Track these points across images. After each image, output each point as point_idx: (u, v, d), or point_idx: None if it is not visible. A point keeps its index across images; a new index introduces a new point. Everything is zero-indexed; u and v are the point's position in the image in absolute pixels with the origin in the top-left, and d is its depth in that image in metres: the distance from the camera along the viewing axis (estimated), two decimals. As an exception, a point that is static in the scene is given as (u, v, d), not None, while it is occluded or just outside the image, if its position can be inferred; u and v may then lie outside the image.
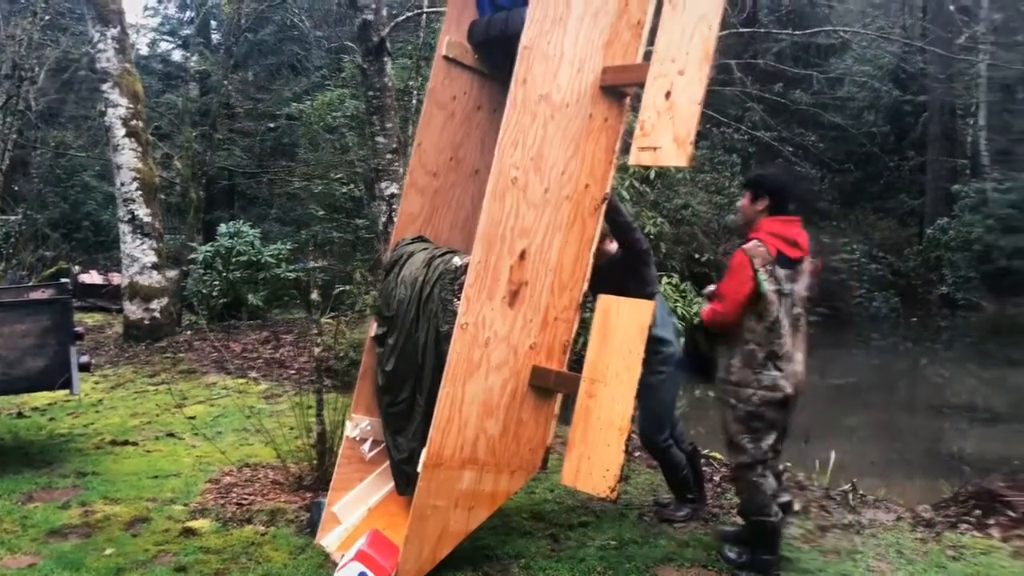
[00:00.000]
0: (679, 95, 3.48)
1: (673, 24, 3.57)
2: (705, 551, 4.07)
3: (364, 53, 7.97)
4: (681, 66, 3.50)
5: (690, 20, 3.52)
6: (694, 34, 3.49)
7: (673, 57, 3.53)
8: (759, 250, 3.71)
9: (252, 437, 5.99)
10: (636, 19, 3.88)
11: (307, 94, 17.90)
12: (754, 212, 3.87)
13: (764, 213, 3.84)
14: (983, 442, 8.47)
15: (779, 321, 3.72)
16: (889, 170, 23.81)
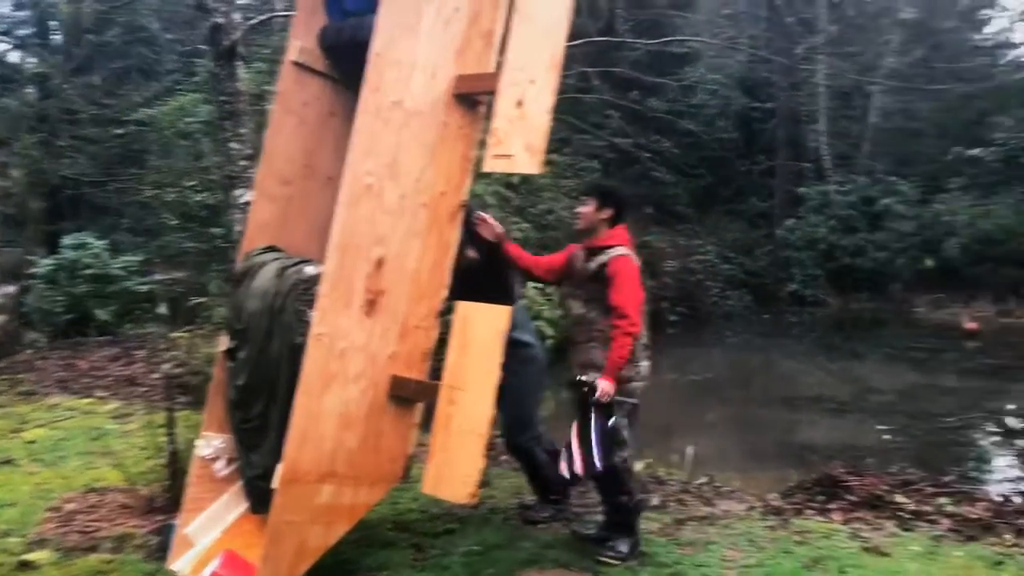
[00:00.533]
0: (530, 103, 3.55)
1: (522, 34, 3.64)
2: (568, 552, 4.11)
3: (215, 57, 7.68)
4: (531, 75, 3.57)
5: (538, 30, 3.61)
6: (542, 43, 3.58)
7: (523, 66, 3.59)
8: (635, 257, 3.97)
9: (99, 460, 5.68)
10: (487, 28, 3.91)
11: (158, 99, 17.16)
12: (597, 220, 4.04)
13: (606, 223, 4.04)
14: (830, 431, 8.94)
15: (646, 315, 3.97)
16: (740, 174, 24.90)
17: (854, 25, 21.56)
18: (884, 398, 10.44)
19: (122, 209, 18.89)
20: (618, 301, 3.89)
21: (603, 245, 4.02)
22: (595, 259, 4.01)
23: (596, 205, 4.03)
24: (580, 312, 4.04)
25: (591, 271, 4.00)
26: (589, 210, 4.05)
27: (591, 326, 3.99)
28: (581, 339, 4.02)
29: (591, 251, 4.06)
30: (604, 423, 3.86)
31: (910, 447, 7.89)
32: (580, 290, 4.06)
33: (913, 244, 19.32)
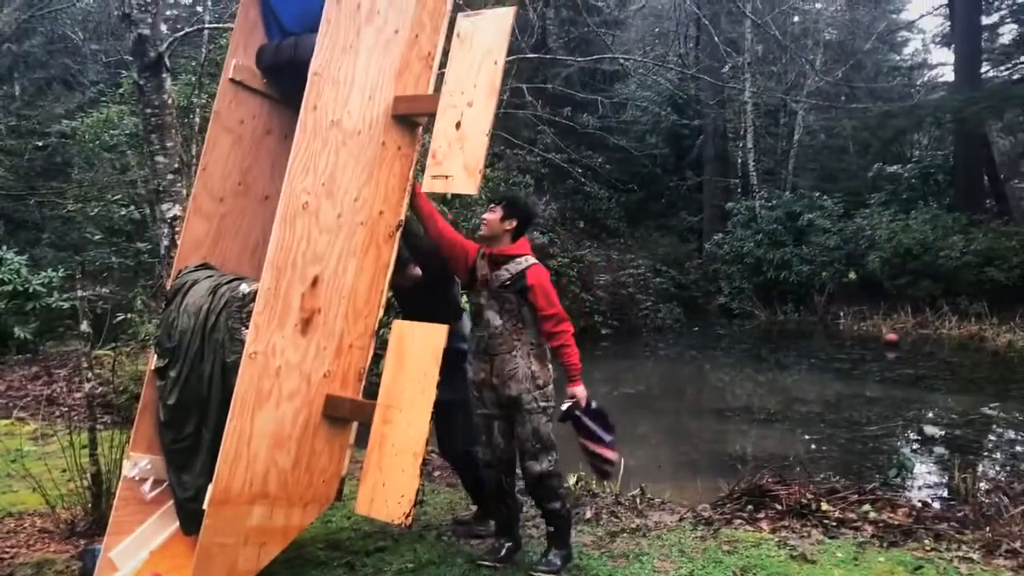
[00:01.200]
0: (468, 126, 3.61)
1: (462, 58, 3.71)
2: (502, 567, 4.12)
3: (140, 69, 7.53)
4: (470, 98, 3.64)
5: (477, 54, 3.68)
6: (481, 68, 3.65)
7: (462, 89, 3.66)
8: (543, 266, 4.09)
9: (17, 483, 5.47)
10: (427, 51, 3.97)
11: (82, 110, 16.74)
12: (501, 229, 4.09)
13: (508, 233, 4.10)
14: (759, 441, 9.11)
15: None
16: (670, 189, 25.39)
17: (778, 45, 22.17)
18: (810, 408, 10.69)
19: (43, 223, 18.35)
20: (550, 310, 3.99)
21: (510, 255, 4.07)
22: (504, 268, 4.04)
23: (502, 215, 4.08)
24: (498, 323, 4.04)
25: (503, 280, 4.03)
26: (494, 218, 4.09)
27: (510, 336, 4.04)
28: (503, 350, 4.05)
29: (496, 260, 4.08)
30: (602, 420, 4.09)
31: (835, 455, 8.09)
32: (495, 301, 4.06)
33: (836, 258, 19.88)
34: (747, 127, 22.75)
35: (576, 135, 20.18)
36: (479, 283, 4.10)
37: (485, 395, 4.15)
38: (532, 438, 4.00)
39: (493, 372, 4.06)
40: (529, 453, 4.01)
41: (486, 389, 4.12)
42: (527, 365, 4.00)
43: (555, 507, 4.07)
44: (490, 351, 4.07)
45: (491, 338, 4.07)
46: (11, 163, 18.05)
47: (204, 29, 11.19)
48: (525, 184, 17.38)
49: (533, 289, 3.97)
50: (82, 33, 19.70)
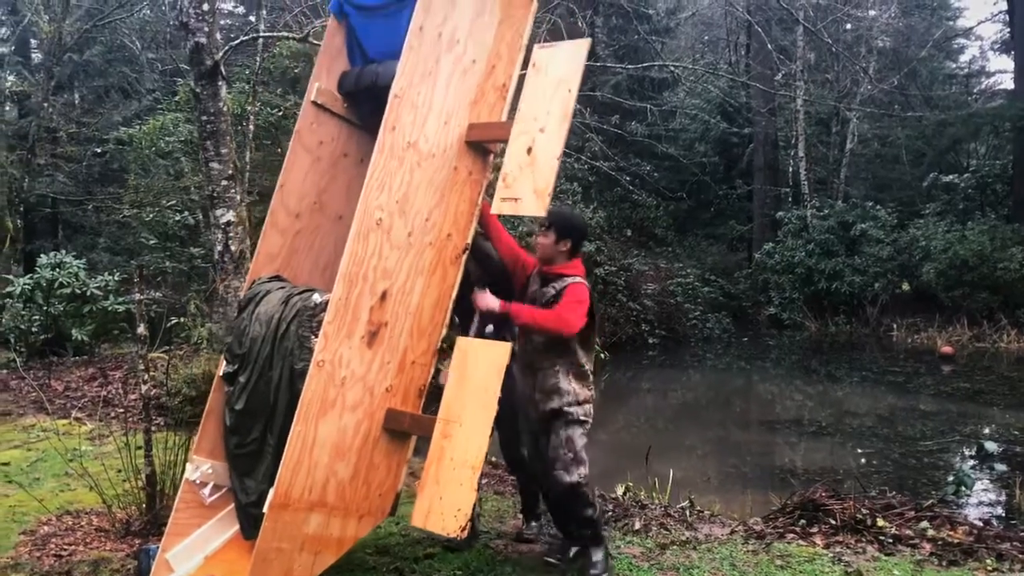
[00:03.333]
0: (540, 151, 3.69)
1: (536, 86, 3.81)
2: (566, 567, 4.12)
3: (197, 77, 7.68)
4: (542, 124, 3.72)
5: (551, 82, 3.78)
6: (555, 95, 3.75)
7: (535, 116, 3.75)
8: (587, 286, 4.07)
9: (74, 482, 5.59)
10: (501, 82, 4.08)
11: (138, 118, 17.11)
12: (556, 251, 4.11)
13: (564, 254, 4.12)
14: (809, 454, 8.98)
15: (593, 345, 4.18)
16: (719, 198, 25.18)
17: (831, 52, 21.88)
18: (862, 421, 10.51)
19: (100, 228, 18.78)
20: (560, 308, 3.94)
21: (560, 273, 4.10)
22: (551, 285, 4.08)
23: (555, 237, 4.10)
24: (542, 338, 4.05)
25: (549, 296, 4.06)
26: (548, 242, 4.11)
27: (551, 353, 4.05)
28: (545, 365, 4.06)
29: (547, 278, 4.12)
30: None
31: (889, 470, 7.94)
32: None
33: (889, 269, 19.54)
34: (798, 135, 22.46)
35: (624, 143, 20.11)
36: (527, 298, 4.14)
37: (528, 409, 4.18)
38: (565, 446, 3.99)
39: (536, 387, 4.09)
40: (561, 462, 3.99)
41: (529, 403, 4.15)
42: (567, 383, 4.03)
43: (589, 514, 4.06)
44: (534, 365, 4.10)
45: (534, 352, 4.09)
46: (70, 169, 18.50)
47: (258, 38, 11.36)
48: (573, 192, 17.35)
49: (562, 298, 3.98)
50: (139, 42, 20.13)
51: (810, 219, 20.99)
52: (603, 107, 19.04)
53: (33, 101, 18.19)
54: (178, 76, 16.47)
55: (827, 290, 19.73)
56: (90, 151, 18.47)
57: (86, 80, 21.64)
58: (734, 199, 25.47)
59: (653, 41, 19.34)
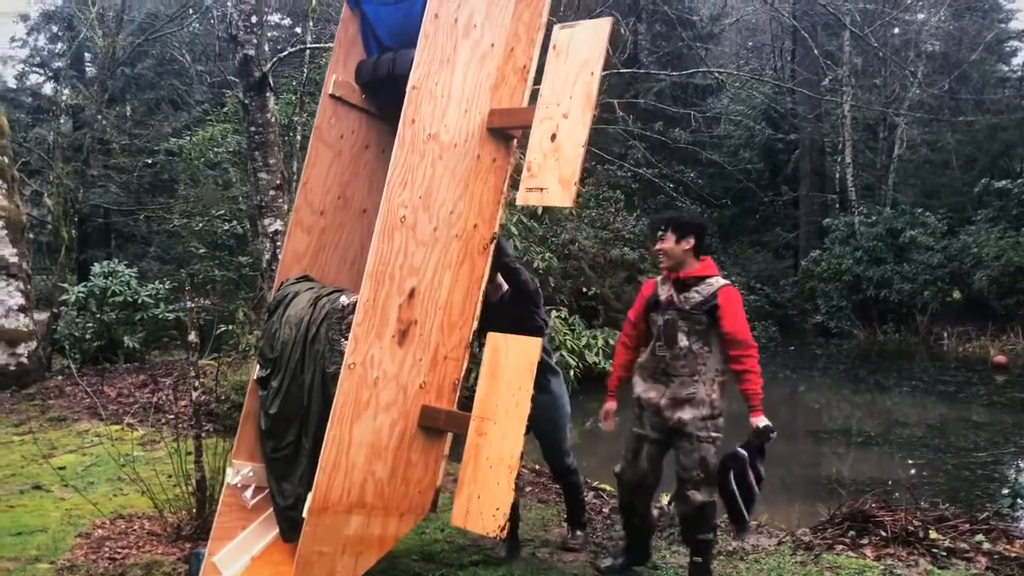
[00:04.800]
0: (564, 138, 3.57)
1: (558, 69, 3.68)
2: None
3: (245, 88, 7.81)
4: (565, 110, 3.60)
5: (573, 66, 3.64)
6: (577, 79, 3.61)
7: (558, 101, 3.63)
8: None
9: (127, 487, 5.70)
10: (522, 64, 3.97)
11: (188, 129, 17.47)
12: (682, 252, 3.98)
13: (690, 253, 3.99)
14: (858, 465, 8.82)
15: None
16: (764, 205, 24.91)
17: (879, 57, 21.53)
18: (912, 431, 10.30)
19: (150, 237, 19.18)
20: (736, 333, 3.87)
21: (700, 276, 3.97)
22: (695, 290, 3.96)
23: (675, 238, 3.98)
24: (685, 344, 3.93)
25: (694, 303, 3.93)
26: (669, 245, 3.99)
27: (695, 360, 3.92)
28: (684, 373, 3.93)
29: (686, 283, 3.99)
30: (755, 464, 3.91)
31: (940, 482, 7.77)
32: (683, 321, 3.96)
33: (940, 276, 19.14)
34: (845, 141, 22.13)
35: (668, 150, 20.01)
36: (663, 305, 4.02)
37: (647, 416, 4.04)
38: (698, 467, 3.88)
39: (666, 394, 3.96)
40: (692, 482, 3.88)
41: (650, 410, 4.02)
42: (707, 392, 3.90)
43: (708, 537, 3.96)
44: (670, 371, 3.97)
45: (674, 359, 3.96)
46: (122, 180, 18.91)
47: (305, 49, 11.52)
48: (615, 199, 17.29)
49: (723, 310, 3.87)
50: (189, 55, 20.56)
51: (858, 226, 20.65)
52: (646, 114, 18.97)
53: (87, 114, 18.67)
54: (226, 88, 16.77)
55: (875, 298, 19.40)
56: (141, 162, 18.87)
57: (138, 92, 22.14)
58: (780, 206, 25.18)
59: (697, 47, 19.22)
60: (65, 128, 19.87)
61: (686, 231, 3.99)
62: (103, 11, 17.37)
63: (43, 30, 23.86)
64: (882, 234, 19.87)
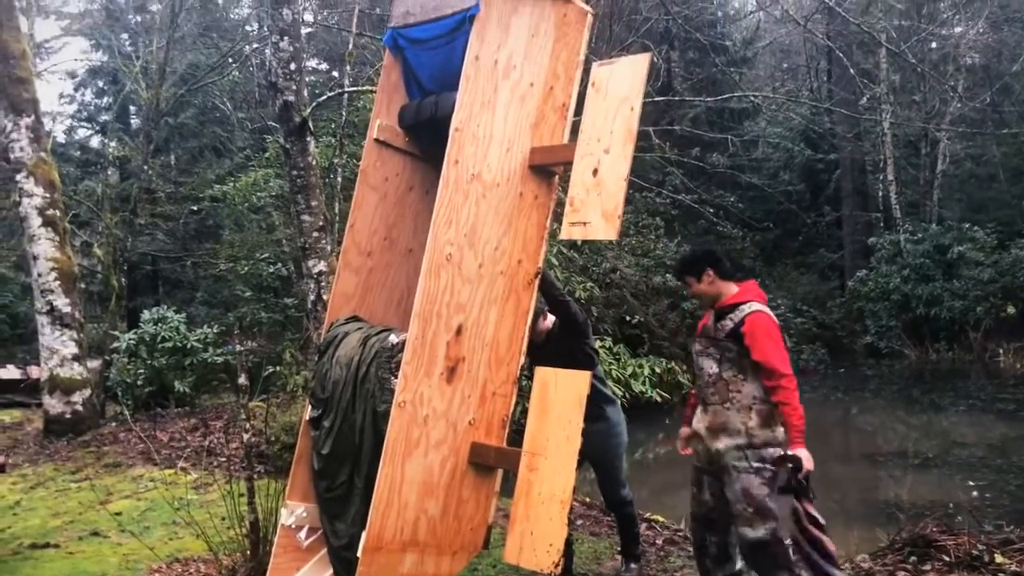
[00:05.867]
0: (606, 172, 3.62)
1: (597, 106, 3.74)
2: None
3: (286, 133, 7.98)
4: (606, 145, 3.65)
5: (613, 102, 3.70)
6: (617, 115, 3.67)
7: (599, 136, 3.68)
8: (770, 312, 3.87)
9: (182, 530, 5.75)
10: (561, 102, 4.03)
11: (231, 175, 17.79)
12: (711, 288, 3.96)
13: (719, 283, 3.95)
14: (916, 488, 8.63)
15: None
16: (807, 226, 24.67)
17: (916, 72, 21.32)
18: (972, 452, 10.06)
19: (197, 282, 19.53)
20: (766, 361, 3.73)
21: (733, 303, 3.91)
22: (729, 317, 3.89)
23: (696, 279, 3.96)
24: (713, 372, 3.86)
25: (726, 330, 3.86)
26: (697, 287, 3.98)
27: (726, 387, 3.83)
28: (715, 401, 3.86)
29: (721, 312, 3.93)
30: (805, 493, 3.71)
31: (1004, 504, 7.56)
32: (714, 349, 3.90)
33: (992, 291, 18.73)
34: (887, 159, 21.87)
35: (706, 175, 19.96)
36: (704, 337, 3.98)
37: (696, 446, 4.00)
38: (742, 499, 3.72)
39: (706, 424, 3.91)
40: (741, 518, 3.73)
41: (696, 440, 3.99)
42: (742, 420, 3.78)
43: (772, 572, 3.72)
44: (707, 400, 3.92)
45: (705, 387, 3.91)
46: (168, 227, 19.34)
47: (343, 93, 11.73)
48: (655, 226, 17.26)
49: (748, 337, 3.76)
50: (230, 103, 21.00)
51: (903, 244, 20.33)
52: (682, 140, 18.97)
53: (134, 164, 19.16)
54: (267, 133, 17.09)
55: (926, 316, 19.05)
56: (187, 209, 19.28)
57: (181, 142, 22.68)
58: (823, 226, 24.93)
59: (731, 72, 19.22)
60: (113, 179, 20.44)
61: (699, 267, 3.97)
62: (146, 64, 17.89)
63: (90, 85, 24.67)
64: (929, 251, 19.53)
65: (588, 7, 4.11)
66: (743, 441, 3.75)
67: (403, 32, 4.15)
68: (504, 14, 3.80)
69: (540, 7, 3.94)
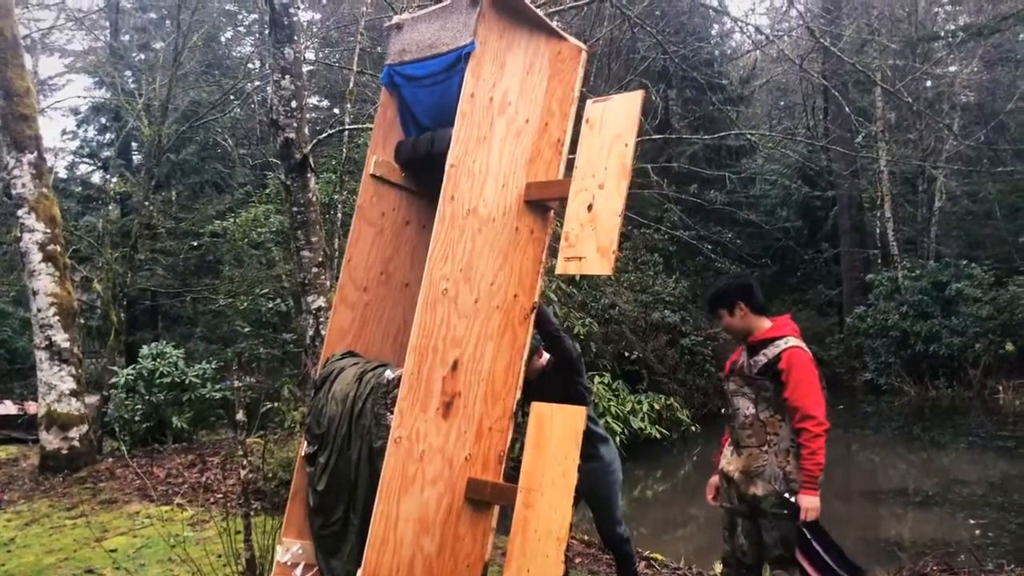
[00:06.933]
0: (600, 207, 3.63)
1: (591, 142, 3.76)
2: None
3: (287, 170, 8.02)
4: (601, 180, 3.66)
5: (607, 137, 3.72)
6: (612, 150, 3.68)
7: (593, 172, 3.70)
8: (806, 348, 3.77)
9: (178, 567, 5.71)
10: (556, 137, 4.06)
11: (231, 211, 17.90)
12: (743, 322, 3.92)
13: (751, 317, 3.91)
14: (917, 526, 8.59)
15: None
16: (805, 263, 24.76)
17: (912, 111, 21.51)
18: (972, 489, 10.01)
19: (196, 318, 19.54)
20: (798, 400, 3.64)
21: (768, 338, 3.85)
22: (763, 352, 3.82)
23: (727, 312, 3.93)
24: (750, 412, 3.78)
25: (760, 366, 3.79)
26: (727, 321, 3.95)
27: (763, 429, 3.74)
28: (751, 443, 3.77)
29: (754, 347, 3.88)
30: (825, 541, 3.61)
31: (1006, 542, 7.52)
32: (749, 388, 3.81)
33: (990, 328, 18.72)
34: (884, 196, 21.99)
35: (704, 212, 20.06)
36: (735, 373, 3.92)
37: (731, 489, 3.89)
38: (780, 546, 3.68)
39: (740, 466, 3.82)
40: (776, 561, 3.70)
41: (731, 483, 3.88)
42: (780, 463, 3.69)
43: None
44: (740, 442, 3.82)
45: (741, 428, 3.81)
46: (168, 263, 19.39)
47: (344, 130, 11.83)
48: (654, 263, 17.31)
49: (785, 374, 3.68)
50: (231, 140, 21.17)
51: (901, 280, 20.37)
52: (680, 177, 19.10)
53: (134, 200, 19.26)
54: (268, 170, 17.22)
55: (924, 353, 19.02)
56: (187, 245, 19.36)
57: (182, 177, 22.80)
58: (821, 263, 24.99)
59: (728, 110, 19.40)
60: (113, 215, 20.55)
61: (731, 300, 3.93)
62: (149, 101, 18.04)
63: (92, 122, 24.85)
64: (927, 288, 19.56)
65: (583, 44, 4.16)
66: (781, 487, 3.66)
67: (399, 69, 4.18)
68: (499, 51, 3.84)
69: (535, 44, 3.99)
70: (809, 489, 3.59)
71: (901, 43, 21.02)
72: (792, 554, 3.63)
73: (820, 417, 3.62)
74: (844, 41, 18.19)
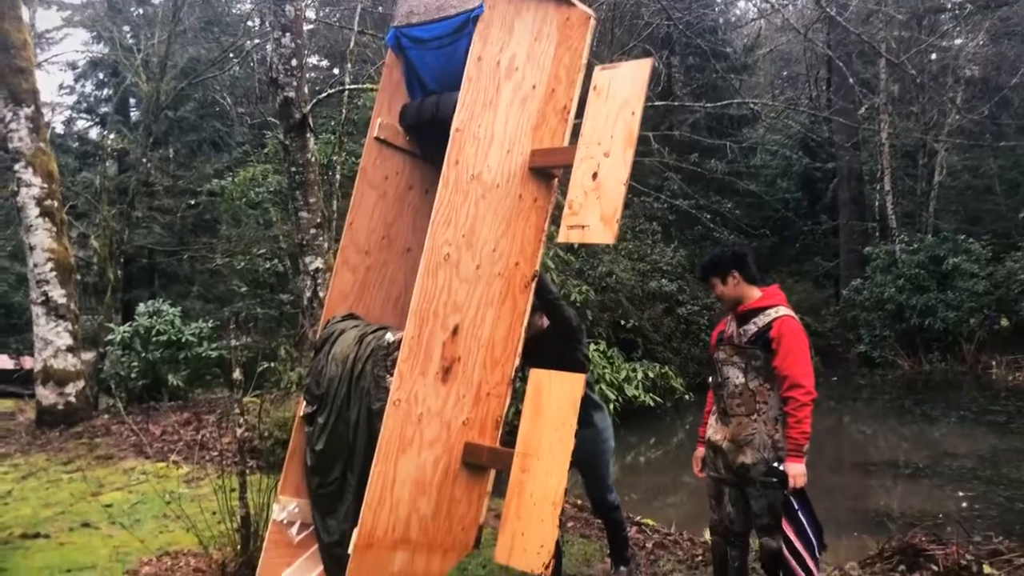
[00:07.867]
0: (605, 176, 3.62)
1: (598, 109, 3.74)
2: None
3: (286, 130, 7.97)
4: (606, 148, 3.65)
5: (614, 106, 3.70)
6: (618, 119, 3.67)
7: (599, 140, 3.68)
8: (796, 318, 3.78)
9: (173, 524, 5.75)
10: (562, 105, 4.03)
11: (229, 170, 17.80)
12: (735, 291, 3.91)
13: (744, 286, 3.90)
14: (906, 497, 8.66)
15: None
16: (803, 234, 24.73)
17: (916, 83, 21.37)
18: (962, 463, 10.09)
19: (193, 277, 19.52)
20: (787, 368, 3.66)
21: (758, 307, 3.86)
22: (752, 321, 3.83)
23: (720, 280, 3.92)
24: (740, 382, 3.79)
25: (750, 335, 3.80)
26: (720, 289, 3.93)
27: (752, 398, 3.76)
28: (741, 412, 3.78)
29: (744, 316, 3.88)
30: (808, 509, 3.65)
31: (994, 515, 7.59)
32: (739, 357, 3.82)
33: (986, 304, 18.78)
34: (884, 169, 21.91)
35: (704, 181, 20.00)
36: (724, 343, 3.93)
37: (718, 458, 3.92)
38: (767, 513, 3.72)
39: (728, 435, 3.84)
40: (764, 528, 3.74)
41: (718, 452, 3.91)
42: (769, 432, 3.72)
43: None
44: (728, 411, 3.84)
45: (730, 397, 3.83)
46: (166, 221, 19.32)
47: (344, 90, 11.73)
48: (652, 231, 17.28)
49: (776, 342, 3.70)
50: (230, 98, 20.99)
51: (899, 254, 20.38)
52: (681, 145, 19.01)
53: (132, 157, 19.14)
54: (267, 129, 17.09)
55: (919, 327, 19.08)
56: (184, 203, 19.30)
57: (180, 135, 22.67)
58: (819, 235, 24.98)
59: (731, 79, 19.26)
60: (111, 171, 20.39)
61: (725, 267, 3.92)
62: (147, 57, 17.88)
63: (90, 77, 24.62)
64: (924, 262, 19.58)
65: (590, 11, 4.12)
66: (771, 455, 3.70)
67: (406, 31, 4.14)
68: (508, 16, 3.81)
69: (543, 10, 3.95)
70: (795, 457, 3.62)
71: (907, 14, 20.79)
72: (779, 522, 3.67)
73: (808, 386, 3.64)
74: (850, 11, 18.02)
